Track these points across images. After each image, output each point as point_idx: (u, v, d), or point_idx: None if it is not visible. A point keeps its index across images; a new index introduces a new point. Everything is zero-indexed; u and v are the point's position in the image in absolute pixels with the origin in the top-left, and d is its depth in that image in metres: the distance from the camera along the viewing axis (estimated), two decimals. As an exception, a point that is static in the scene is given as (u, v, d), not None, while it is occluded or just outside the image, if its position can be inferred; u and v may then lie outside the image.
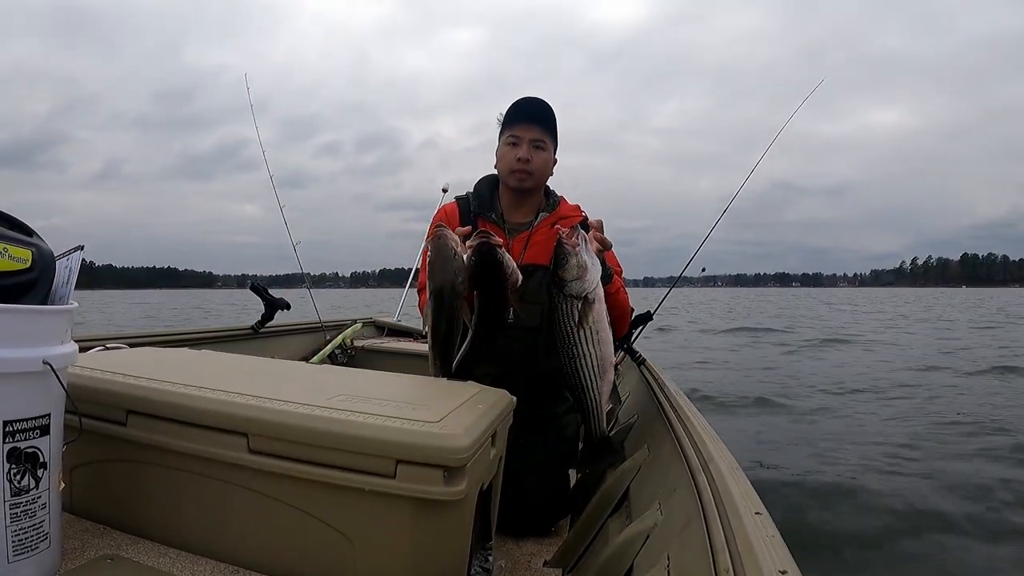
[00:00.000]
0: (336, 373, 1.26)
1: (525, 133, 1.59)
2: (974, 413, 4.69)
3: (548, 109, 1.61)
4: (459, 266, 1.27)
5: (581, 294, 1.25)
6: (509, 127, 1.62)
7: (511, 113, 1.62)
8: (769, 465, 3.39)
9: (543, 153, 1.61)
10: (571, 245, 1.25)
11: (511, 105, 1.64)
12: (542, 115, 1.60)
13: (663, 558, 0.85)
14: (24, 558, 0.77)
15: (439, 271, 1.28)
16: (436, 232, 1.29)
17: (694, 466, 1.01)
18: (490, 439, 0.96)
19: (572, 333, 1.27)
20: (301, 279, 3.22)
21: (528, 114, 1.60)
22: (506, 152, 1.62)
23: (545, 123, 1.61)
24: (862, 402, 5.25)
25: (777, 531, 0.69)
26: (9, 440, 0.75)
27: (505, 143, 1.63)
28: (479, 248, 1.28)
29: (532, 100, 1.62)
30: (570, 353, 1.29)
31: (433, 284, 1.29)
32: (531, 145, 1.59)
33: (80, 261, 0.89)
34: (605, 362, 1.31)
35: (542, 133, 1.61)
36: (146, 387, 0.94)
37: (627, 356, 2.22)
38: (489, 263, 1.28)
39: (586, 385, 1.30)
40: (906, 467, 3.32)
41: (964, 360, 7.97)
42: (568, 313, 1.26)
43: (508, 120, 1.63)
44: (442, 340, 1.32)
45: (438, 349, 1.34)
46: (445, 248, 1.27)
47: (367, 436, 0.81)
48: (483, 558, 1.09)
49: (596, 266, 1.27)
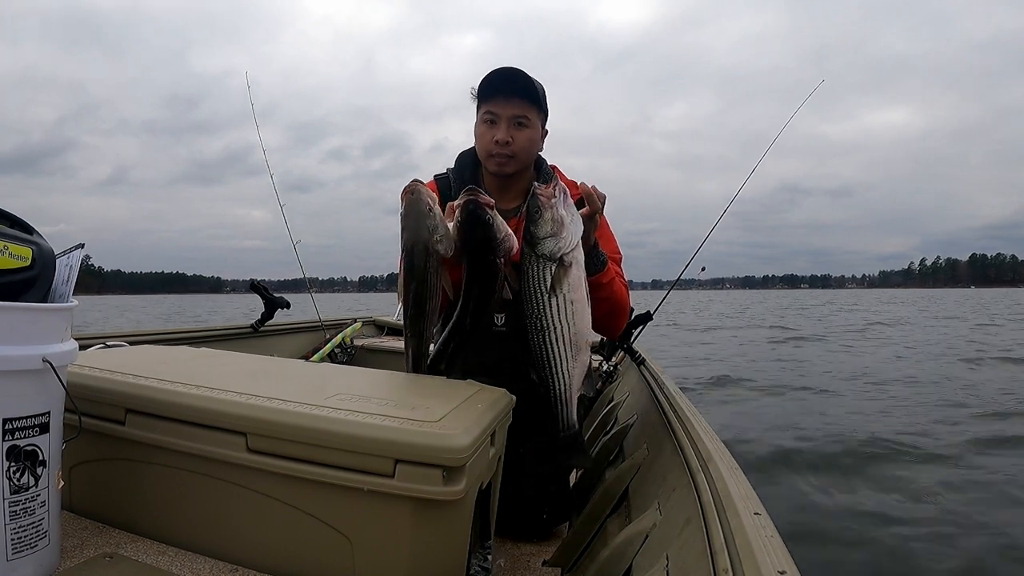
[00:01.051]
0: (335, 372, 1.26)
1: (503, 110, 1.36)
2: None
3: (529, 78, 1.36)
4: (433, 224, 1.10)
5: (556, 254, 1.08)
6: (485, 102, 1.38)
7: (484, 87, 1.37)
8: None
9: (526, 131, 1.37)
10: (546, 196, 1.08)
11: (484, 77, 1.37)
12: (522, 86, 1.35)
13: (662, 558, 0.85)
14: (23, 556, 0.77)
15: (411, 227, 1.11)
16: (409, 187, 1.12)
17: (693, 466, 1.01)
18: (489, 438, 0.96)
19: (542, 301, 1.10)
20: (304, 280, 3.23)
21: (505, 87, 1.35)
22: (483, 132, 1.39)
23: (527, 94, 1.36)
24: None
25: (776, 531, 0.69)
26: (8, 438, 0.75)
27: (481, 120, 1.40)
28: (466, 206, 1.12)
29: (509, 70, 1.35)
30: (538, 325, 1.11)
31: (403, 243, 1.13)
32: (511, 123, 1.36)
33: (80, 259, 0.89)
34: (579, 339, 1.13)
35: (524, 107, 1.36)
36: (145, 386, 0.94)
37: (627, 356, 2.22)
38: (477, 222, 1.12)
39: (554, 364, 1.12)
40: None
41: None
42: (539, 277, 1.09)
43: (483, 94, 1.38)
44: (411, 308, 1.15)
45: (407, 319, 1.18)
46: (418, 202, 1.10)
47: (366, 435, 0.81)
48: (482, 557, 1.09)
49: (576, 223, 1.10)
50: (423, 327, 1.19)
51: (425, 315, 1.17)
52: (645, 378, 1.93)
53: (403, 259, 1.15)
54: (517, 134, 1.37)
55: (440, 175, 1.51)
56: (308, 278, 3.19)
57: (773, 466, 3.35)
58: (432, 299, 1.16)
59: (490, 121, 1.37)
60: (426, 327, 1.20)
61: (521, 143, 1.38)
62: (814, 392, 5.64)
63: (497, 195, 1.42)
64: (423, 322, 1.19)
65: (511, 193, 1.46)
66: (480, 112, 1.41)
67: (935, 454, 3.54)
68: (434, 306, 1.18)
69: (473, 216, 1.12)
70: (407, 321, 1.19)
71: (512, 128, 1.36)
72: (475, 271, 1.18)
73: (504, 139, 1.36)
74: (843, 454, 3.55)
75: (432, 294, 1.15)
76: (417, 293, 1.14)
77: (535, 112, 1.39)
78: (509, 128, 1.36)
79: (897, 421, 4.35)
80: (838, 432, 4.00)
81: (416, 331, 1.20)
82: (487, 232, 1.13)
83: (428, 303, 1.16)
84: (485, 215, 1.12)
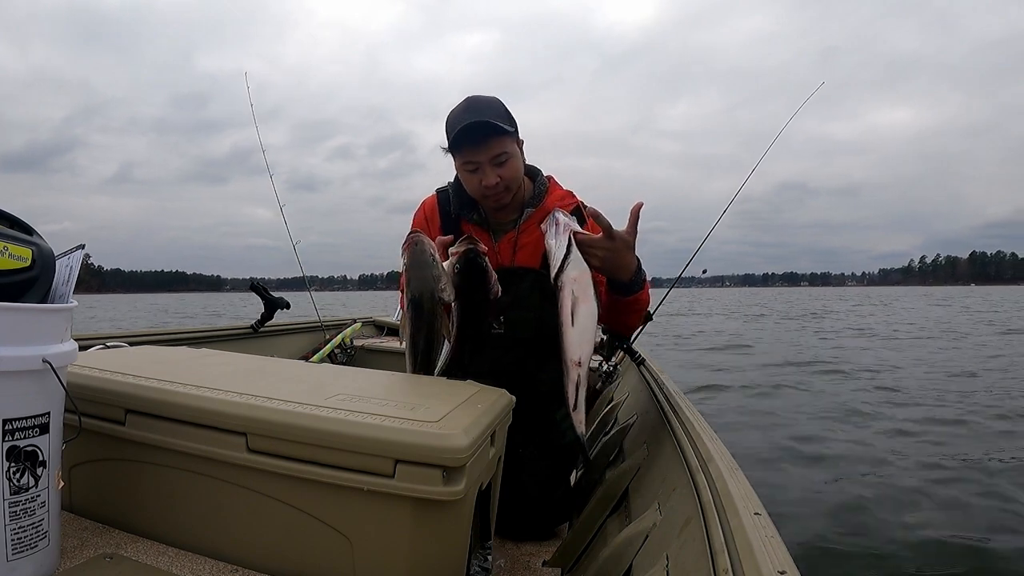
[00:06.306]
0: (335, 372, 1.26)
1: (481, 156, 1.36)
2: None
3: (494, 117, 1.34)
4: (438, 274, 1.19)
5: (553, 280, 1.21)
6: (460, 152, 1.39)
7: (456, 139, 1.36)
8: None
9: (509, 162, 1.38)
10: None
11: (451, 127, 1.36)
12: (492, 129, 1.34)
13: (662, 558, 0.85)
14: (23, 556, 0.77)
15: (417, 278, 1.20)
16: (412, 239, 1.19)
17: (693, 466, 1.01)
18: (489, 439, 0.96)
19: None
20: (304, 279, 3.23)
21: (476, 136, 1.34)
22: (468, 179, 1.41)
23: (499, 132, 1.35)
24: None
25: (776, 531, 0.69)
26: (8, 438, 0.75)
27: (462, 168, 1.41)
28: (466, 255, 1.23)
29: (474, 121, 1.32)
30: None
31: (411, 293, 1.20)
32: (493, 164, 1.37)
33: (81, 260, 0.89)
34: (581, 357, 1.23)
35: (500, 144, 1.36)
36: (145, 386, 0.94)
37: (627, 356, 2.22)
38: (476, 270, 1.24)
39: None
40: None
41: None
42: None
43: (455, 145, 1.38)
44: (421, 353, 1.24)
45: (418, 361, 1.25)
46: (422, 254, 1.19)
47: (366, 435, 0.81)
48: (482, 557, 1.09)
49: (559, 248, 1.20)
50: (432, 369, 1.27)
51: (433, 358, 1.26)
52: (645, 378, 1.93)
53: (409, 307, 1.22)
54: (502, 171, 1.39)
55: (441, 189, 1.56)
56: (308, 276, 3.19)
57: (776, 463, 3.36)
58: (440, 344, 1.26)
59: (472, 171, 1.39)
60: (433, 367, 1.27)
61: (509, 176, 1.40)
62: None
63: (495, 212, 1.49)
64: (432, 363, 1.27)
65: (509, 206, 1.48)
66: (457, 160, 1.42)
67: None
68: (438, 355, 1.27)
69: (472, 264, 1.24)
70: (418, 362, 1.25)
71: (495, 168, 1.38)
72: (469, 310, 1.29)
73: (492, 182, 1.38)
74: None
75: (439, 339, 1.26)
76: (428, 339, 1.24)
77: (510, 141, 1.39)
78: (493, 170, 1.38)
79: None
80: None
81: (426, 372, 1.26)
82: (482, 278, 1.26)
83: (436, 348, 1.26)
84: (482, 263, 1.25)
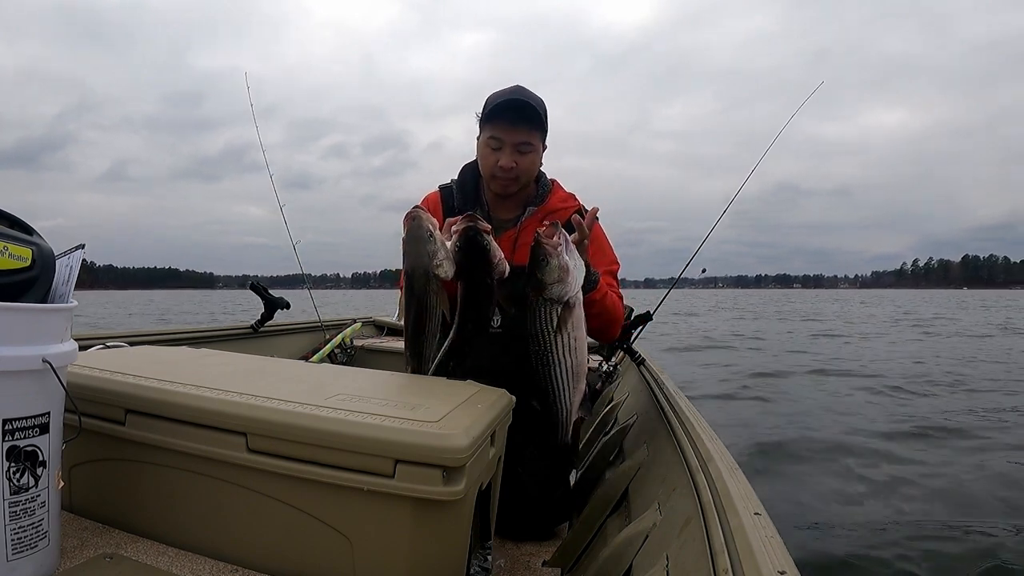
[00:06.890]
0: (335, 372, 1.26)
1: (508, 136, 1.39)
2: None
3: (536, 106, 1.39)
4: (433, 249, 1.16)
5: (562, 298, 1.16)
6: (491, 125, 1.41)
7: (492, 112, 1.39)
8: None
9: (529, 155, 1.41)
10: (551, 246, 1.14)
11: (493, 100, 1.40)
12: (530, 115, 1.39)
13: (662, 558, 0.85)
14: (23, 556, 0.77)
15: (411, 252, 1.17)
16: (411, 213, 1.17)
17: (693, 466, 1.01)
18: (489, 439, 0.96)
19: (548, 340, 1.19)
20: (302, 280, 3.23)
21: (513, 115, 1.38)
22: (487, 155, 1.43)
23: (532, 122, 1.40)
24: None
25: (776, 531, 0.69)
26: (8, 438, 0.75)
27: (485, 143, 1.43)
28: (465, 232, 1.18)
29: (518, 99, 1.38)
30: (544, 360, 1.21)
31: (405, 266, 1.19)
32: (515, 150, 1.40)
33: (81, 260, 0.89)
34: (579, 369, 1.23)
35: (529, 134, 1.40)
36: (145, 386, 0.94)
37: (627, 356, 2.22)
38: (475, 248, 1.18)
39: (557, 394, 1.23)
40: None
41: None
42: (546, 318, 1.18)
43: (488, 117, 1.41)
44: (411, 329, 1.22)
45: (408, 340, 1.24)
46: (419, 228, 1.16)
47: (366, 435, 0.81)
48: (482, 557, 1.09)
49: (580, 268, 1.19)
50: (423, 347, 1.25)
51: (425, 336, 1.23)
52: (645, 378, 1.93)
53: (404, 282, 1.20)
54: (521, 159, 1.41)
55: (444, 185, 1.57)
56: (304, 274, 3.18)
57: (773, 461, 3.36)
58: (432, 321, 1.22)
59: (495, 148, 1.41)
60: (426, 347, 1.25)
61: (524, 167, 1.42)
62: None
63: (498, 205, 1.50)
64: (423, 343, 1.24)
65: (510, 204, 1.50)
66: (484, 133, 1.43)
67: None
68: (433, 328, 1.23)
69: (472, 242, 1.18)
70: (408, 341, 1.25)
71: (516, 154, 1.40)
72: (471, 291, 1.25)
73: (508, 165, 1.40)
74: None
75: (432, 316, 1.21)
76: (417, 315, 1.20)
77: (538, 136, 1.43)
78: (513, 154, 1.40)
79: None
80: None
81: (416, 351, 1.25)
82: (484, 256, 1.20)
83: (428, 325, 1.22)
84: (483, 241, 1.18)
